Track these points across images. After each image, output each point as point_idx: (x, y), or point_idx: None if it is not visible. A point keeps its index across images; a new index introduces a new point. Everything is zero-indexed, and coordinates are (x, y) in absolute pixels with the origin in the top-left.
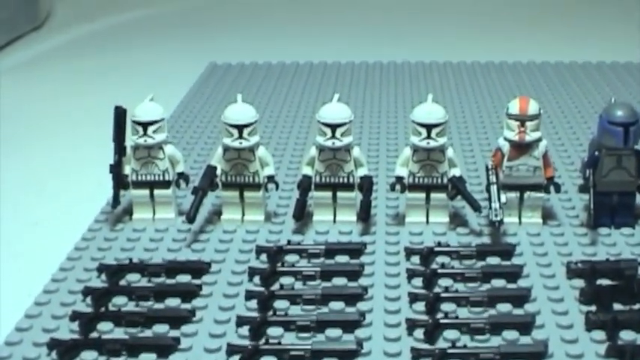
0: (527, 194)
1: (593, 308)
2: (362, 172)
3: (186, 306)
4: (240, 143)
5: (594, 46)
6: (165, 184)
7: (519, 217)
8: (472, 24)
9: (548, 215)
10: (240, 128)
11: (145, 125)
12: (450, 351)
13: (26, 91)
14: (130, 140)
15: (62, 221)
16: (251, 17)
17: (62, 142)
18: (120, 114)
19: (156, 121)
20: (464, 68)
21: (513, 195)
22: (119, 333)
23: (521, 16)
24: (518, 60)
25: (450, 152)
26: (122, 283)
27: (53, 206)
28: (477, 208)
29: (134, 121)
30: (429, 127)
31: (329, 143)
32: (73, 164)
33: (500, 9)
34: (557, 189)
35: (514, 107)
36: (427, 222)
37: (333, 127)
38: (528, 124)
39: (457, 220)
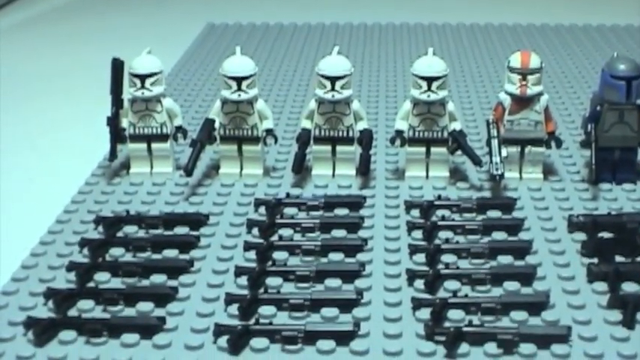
0: (528, 149)
1: (595, 261)
2: (361, 125)
3: (185, 257)
4: (239, 96)
5: (595, 8)
6: (163, 138)
7: (520, 172)
8: None
9: (549, 171)
10: (239, 80)
11: (142, 78)
12: (451, 300)
13: (25, 51)
14: (128, 93)
15: (59, 175)
16: None
17: (61, 99)
18: (117, 66)
19: (153, 74)
20: (463, 30)
21: (514, 149)
22: (116, 283)
23: None
24: (518, 22)
25: (450, 106)
26: (119, 234)
27: (51, 161)
28: (477, 162)
29: (132, 74)
30: (429, 80)
31: (329, 96)
32: (71, 121)
33: None
34: (559, 144)
35: (516, 60)
36: (427, 176)
37: (333, 80)
38: (530, 77)
39: (457, 174)
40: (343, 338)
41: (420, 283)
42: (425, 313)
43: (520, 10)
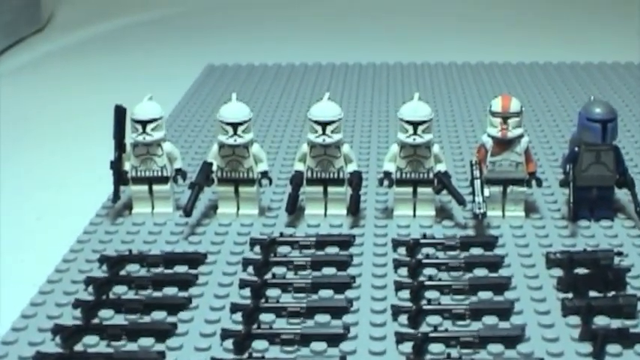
0: (510, 188)
1: (570, 295)
2: (351, 167)
3: (184, 294)
4: (235, 140)
5: (582, 47)
6: (164, 180)
7: (503, 211)
8: (462, 26)
9: (530, 208)
10: (234, 126)
11: (143, 123)
12: (431, 335)
13: (29, 92)
14: (130, 138)
15: (65, 216)
16: (247, 20)
17: (64, 141)
18: (120, 112)
19: (154, 120)
20: (454, 69)
21: (497, 189)
22: (119, 319)
23: (510, 17)
24: (508, 61)
25: (435, 148)
26: (122, 273)
27: (57, 202)
28: (461, 202)
29: (133, 120)
30: (415, 124)
31: (320, 140)
32: (75, 162)
33: (490, 11)
34: (539, 183)
35: (496, 105)
36: (414, 215)
37: (324, 125)
38: (510, 121)
39: (443, 213)
40: None
41: (404, 318)
42: (407, 346)
43: (510, 49)
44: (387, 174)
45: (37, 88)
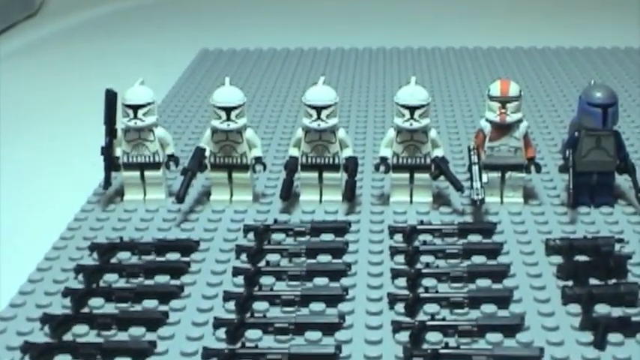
0: (508, 174)
1: (570, 283)
2: (347, 153)
3: (175, 282)
4: (228, 125)
5: (581, 32)
6: (156, 166)
7: (501, 197)
8: (460, 11)
9: (529, 195)
10: (227, 110)
11: (135, 108)
12: (429, 323)
13: (21, 78)
14: (121, 123)
15: (56, 203)
16: (242, 4)
17: (56, 127)
18: (110, 97)
19: (146, 104)
20: (452, 54)
21: (495, 175)
22: (110, 308)
23: (508, 2)
24: (506, 45)
25: (433, 133)
26: (113, 261)
27: (47, 188)
28: (459, 187)
29: (125, 105)
30: (412, 109)
31: (314, 125)
32: (67, 148)
33: None
34: (538, 169)
35: (495, 89)
36: (411, 201)
37: (319, 109)
38: (509, 105)
39: (440, 199)
40: None
41: (400, 307)
42: (404, 335)
43: (508, 34)
44: (384, 159)
45: (29, 74)
